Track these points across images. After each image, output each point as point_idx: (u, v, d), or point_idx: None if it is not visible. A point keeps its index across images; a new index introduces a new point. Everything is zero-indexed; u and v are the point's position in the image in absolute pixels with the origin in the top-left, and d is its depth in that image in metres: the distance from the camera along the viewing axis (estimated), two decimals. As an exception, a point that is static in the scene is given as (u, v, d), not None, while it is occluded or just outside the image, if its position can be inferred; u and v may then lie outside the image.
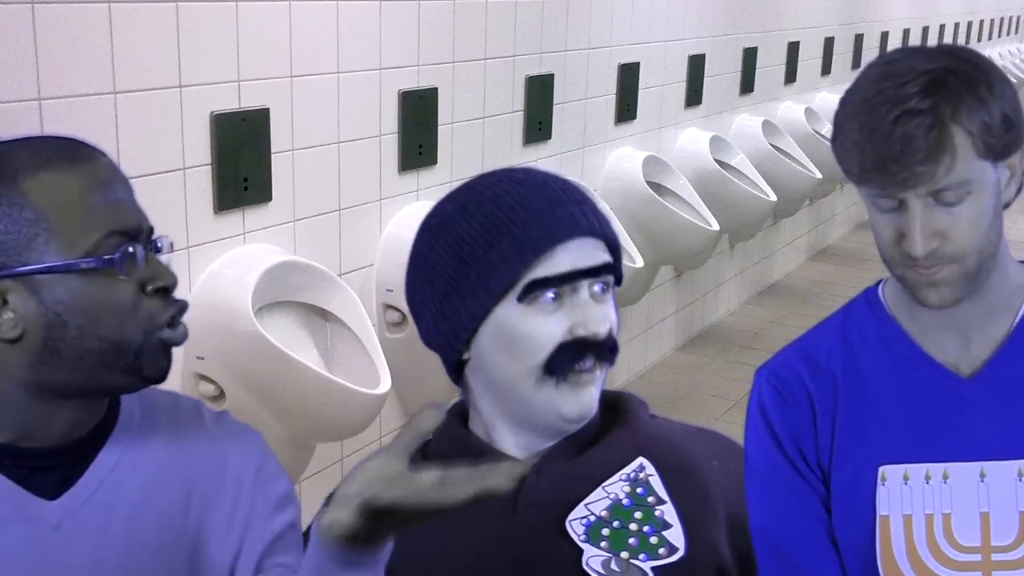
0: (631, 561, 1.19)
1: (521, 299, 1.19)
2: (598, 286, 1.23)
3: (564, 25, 3.74)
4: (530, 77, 3.58)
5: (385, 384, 2.49)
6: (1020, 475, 1.18)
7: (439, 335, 1.25)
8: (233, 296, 2.37)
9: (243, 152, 2.50)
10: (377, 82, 2.91)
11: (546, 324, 1.19)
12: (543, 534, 1.22)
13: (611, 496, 1.24)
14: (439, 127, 3.17)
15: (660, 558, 1.20)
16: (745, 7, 5.22)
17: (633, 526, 1.22)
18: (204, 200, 2.44)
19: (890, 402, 1.22)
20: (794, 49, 5.92)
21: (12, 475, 1.03)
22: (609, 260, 1.24)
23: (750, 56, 5.34)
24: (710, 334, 5.47)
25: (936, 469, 1.19)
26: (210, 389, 2.40)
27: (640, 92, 4.32)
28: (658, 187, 4.26)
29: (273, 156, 2.59)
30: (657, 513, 1.23)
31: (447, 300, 1.22)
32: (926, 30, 8.42)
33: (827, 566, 1.23)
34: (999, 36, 10.90)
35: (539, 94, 3.64)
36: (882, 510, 1.20)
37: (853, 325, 1.27)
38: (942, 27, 8.83)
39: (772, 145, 5.20)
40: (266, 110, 2.55)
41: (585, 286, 1.21)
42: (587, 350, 1.20)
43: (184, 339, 1.06)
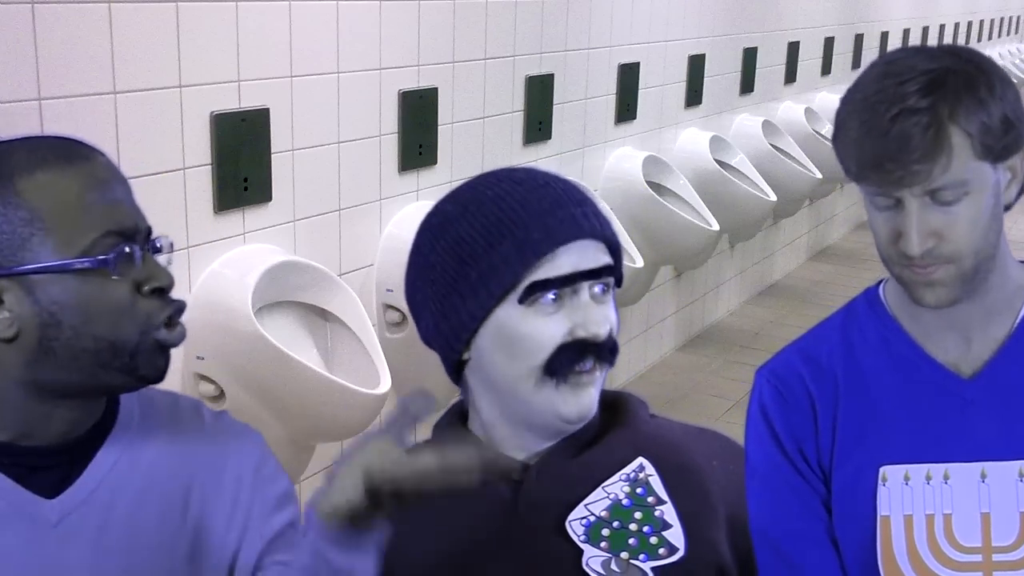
0: (631, 561, 1.19)
1: (522, 300, 1.19)
2: (598, 287, 1.22)
3: (564, 25, 3.74)
4: (530, 77, 3.58)
5: (385, 384, 2.49)
6: (1021, 475, 1.18)
7: (439, 335, 1.25)
8: (233, 296, 2.37)
9: (243, 152, 2.50)
10: (377, 82, 2.91)
11: (546, 325, 1.19)
12: (543, 534, 1.22)
13: (611, 496, 1.23)
14: (439, 127, 3.16)
15: (660, 558, 1.20)
16: (745, 7, 5.22)
17: (633, 526, 1.22)
18: (204, 200, 2.44)
19: (891, 402, 1.22)
20: (794, 49, 5.92)
21: (11, 473, 1.03)
22: (610, 262, 1.24)
23: (750, 56, 5.34)
24: (710, 334, 5.47)
25: (937, 469, 1.19)
26: (210, 389, 2.40)
27: (640, 92, 4.32)
28: (658, 187, 4.25)
29: (273, 156, 2.59)
30: (657, 513, 1.23)
31: (447, 300, 1.22)
32: (926, 30, 8.42)
33: (827, 566, 1.23)
34: (999, 36, 10.90)
35: (539, 94, 3.63)
36: (883, 510, 1.20)
37: (854, 325, 1.27)
38: (942, 27, 8.83)
39: (772, 145, 5.20)
40: (266, 110, 2.55)
41: (585, 288, 1.21)
42: (587, 351, 1.20)
43: (182, 340, 1.06)
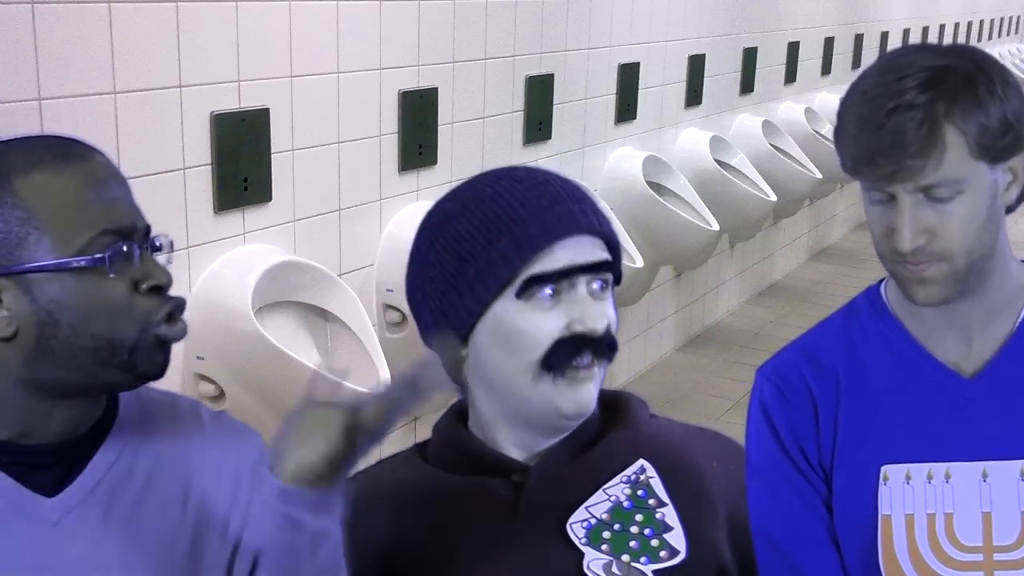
0: (632, 564, 1.19)
1: (519, 295, 1.19)
2: (597, 284, 1.22)
3: (564, 25, 3.74)
4: (530, 77, 3.58)
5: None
6: (1022, 475, 1.18)
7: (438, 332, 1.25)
8: (233, 296, 2.37)
9: (243, 152, 2.49)
10: (377, 82, 2.91)
11: (543, 321, 1.19)
12: (544, 537, 1.22)
13: (612, 498, 1.23)
14: (439, 127, 3.16)
15: (661, 561, 1.20)
16: (745, 7, 5.22)
17: (634, 529, 1.21)
18: (204, 200, 2.44)
19: (892, 401, 1.22)
20: (794, 49, 5.92)
21: (11, 472, 1.03)
22: (607, 258, 1.23)
23: (750, 56, 5.34)
24: (710, 334, 5.47)
25: (938, 469, 1.19)
26: (210, 389, 2.40)
27: (640, 92, 4.32)
28: (658, 187, 4.25)
29: (273, 156, 2.59)
30: (658, 515, 1.23)
31: (446, 298, 1.22)
32: (926, 30, 8.42)
33: (828, 565, 1.23)
34: (999, 36, 10.90)
35: (539, 94, 3.63)
36: (884, 509, 1.20)
37: (855, 324, 1.27)
38: (942, 27, 8.83)
39: (772, 145, 5.20)
40: (266, 110, 2.55)
41: (583, 282, 1.21)
42: (585, 346, 1.20)
43: (183, 335, 1.06)
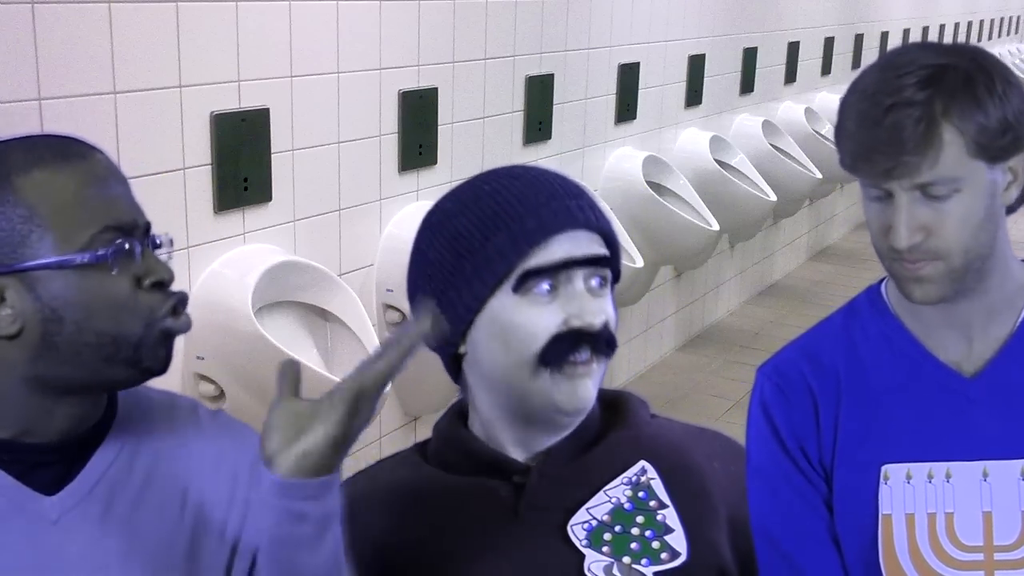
0: (633, 566, 1.19)
1: (516, 289, 1.19)
2: (595, 280, 1.22)
3: (564, 25, 3.74)
4: (530, 77, 3.58)
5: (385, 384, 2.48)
6: (1023, 474, 1.18)
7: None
8: (233, 296, 2.37)
9: (243, 152, 2.49)
10: (377, 82, 2.91)
11: (541, 316, 1.19)
12: (544, 539, 1.21)
13: (613, 500, 1.23)
14: (439, 127, 3.16)
15: (662, 563, 1.19)
16: (745, 7, 5.22)
17: (635, 531, 1.21)
18: (204, 200, 2.44)
19: (893, 400, 1.22)
20: (794, 49, 5.92)
21: (12, 471, 1.04)
22: (605, 253, 1.23)
23: (750, 56, 5.34)
24: (710, 334, 5.47)
25: (939, 468, 1.19)
26: (210, 389, 2.40)
27: (640, 92, 4.32)
28: (658, 187, 4.25)
29: (273, 156, 2.59)
30: (659, 517, 1.22)
31: (444, 295, 1.22)
32: (926, 30, 8.42)
33: (829, 565, 1.23)
34: (999, 36, 10.90)
35: (539, 94, 3.63)
36: (884, 509, 1.20)
37: (856, 323, 1.27)
38: (942, 27, 8.83)
39: (772, 145, 5.20)
40: (266, 110, 2.55)
41: (580, 277, 1.21)
42: (582, 341, 1.19)
43: (188, 328, 1.07)
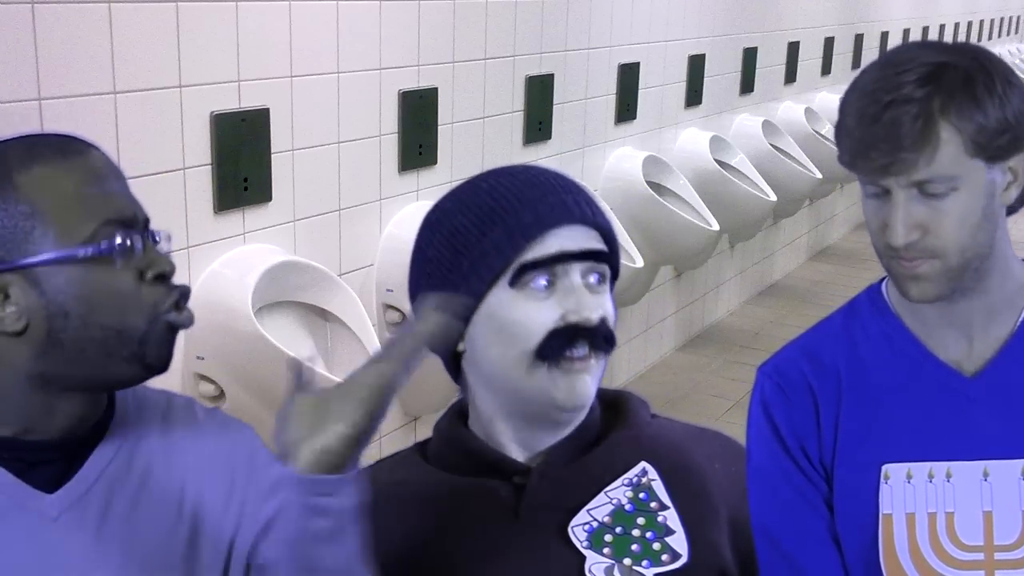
0: (634, 568, 1.19)
1: (512, 284, 1.19)
2: (593, 277, 1.22)
3: (564, 25, 3.74)
4: (530, 77, 3.58)
5: (385, 384, 2.48)
6: (1023, 474, 1.18)
7: None
8: (233, 296, 2.37)
9: (243, 152, 2.49)
10: (377, 82, 2.91)
11: (538, 311, 1.19)
12: (545, 540, 1.21)
13: (614, 501, 1.23)
14: (439, 127, 3.16)
15: (663, 564, 1.19)
16: (745, 7, 5.22)
17: (636, 532, 1.21)
18: (204, 200, 2.44)
19: (893, 400, 1.22)
20: (794, 49, 5.92)
21: (12, 468, 1.04)
22: (602, 248, 1.23)
23: (750, 56, 5.34)
24: (710, 334, 5.47)
25: (939, 468, 1.19)
26: (210, 389, 2.40)
27: (640, 92, 4.32)
28: (658, 187, 4.25)
29: (273, 156, 2.59)
30: (660, 519, 1.22)
31: (442, 292, 1.22)
32: (926, 30, 8.42)
33: (829, 564, 1.23)
34: (999, 36, 10.90)
35: (539, 94, 3.63)
36: (885, 508, 1.20)
37: (856, 322, 1.27)
38: (942, 27, 8.83)
39: (772, 145, 5.20)
40: (266, 110, 2.54)
41: (577, 271, 1.20)
42: (579, 336, 1.19)
43: (191, 323, 1.07)
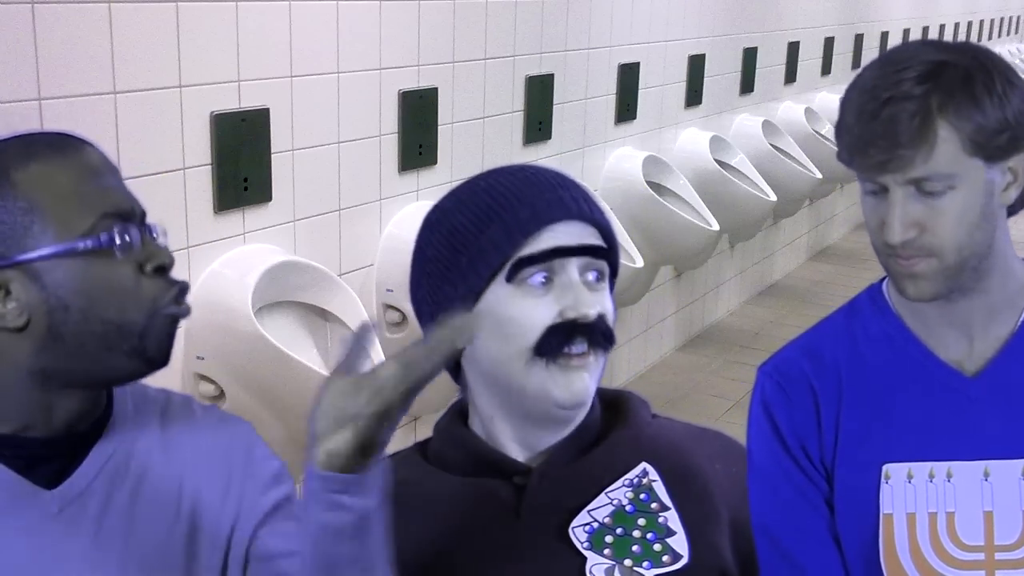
0: (635, 569, 1.18)
1: (509, 279, 1.19)
2: (591, 274, 1.22)
3: (564, 25, 3.74)
4: (530, 77, 3.58)
5: (386, 384, 2.48)
6: (1024, 474, 1.18)
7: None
8: (233, 296, 2.37)
9: (243, 152, 2.49)
10: (377, 82, 2.91)
11: (535, 307, 1.19)
12: (545, 540, 1.21)
13: (614, 502, 1.23)
14: (439, 127, 3.16)
15: (664, 565, 1.19)
16: (745, 7, 5.22)
17: (636, 533, 1.21)
18: (204, 200, 2.44)
19: (894, 400, 1.22)
20: (794, 49, 5.92)
21: (13, 465, 1.05)
22: (600, 244, 1.23)
23: (750, 56, 5.34)
24: (710, 334, 5.47)
25: (940, 467, 1.19)
26: (210, 389, 2.40)
27: (640, 92, 4.32)
28: (658, 187, 4.25)
29: (273, 156, 2.59)
30: (661, 520, 1.22)
31: (441, 291, 1.22)
32: (926, 30, 8.42)
33: (829, 564, 1.23)
34: (999, 36, 10.89)
35: (539, 94, 3.63)
36: (886, 508, 1.20)
37: (857, 321, 1.27)
38: (942, 27, 8.83)
39: (772, 145, 5.19)
40: (266, 110, 2.54)
41: (574, 267, 1.20)
42: (576, 332, 1.18)
43: (188, 313, 1.08)
